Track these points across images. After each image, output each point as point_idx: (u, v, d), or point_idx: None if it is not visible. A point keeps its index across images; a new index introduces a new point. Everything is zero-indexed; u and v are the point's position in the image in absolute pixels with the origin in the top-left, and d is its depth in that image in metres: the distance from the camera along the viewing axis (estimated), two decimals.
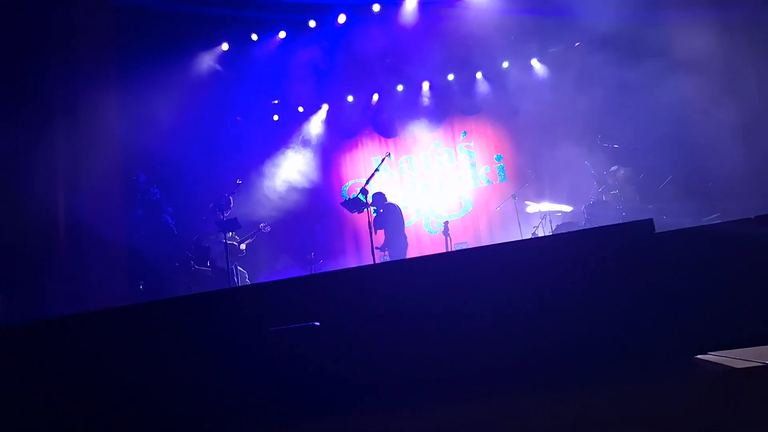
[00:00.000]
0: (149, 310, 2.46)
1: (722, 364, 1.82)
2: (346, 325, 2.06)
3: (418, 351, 2.04)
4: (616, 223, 6.62)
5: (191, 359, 2.16)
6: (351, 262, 10.02)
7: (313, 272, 8.66)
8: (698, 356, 1.95)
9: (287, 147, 10.36)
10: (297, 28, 9.32)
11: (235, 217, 7.43)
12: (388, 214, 7.70)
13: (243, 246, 7.57)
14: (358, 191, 7.38)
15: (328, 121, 10.69)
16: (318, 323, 1.96)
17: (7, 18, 5.99)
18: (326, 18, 9.19)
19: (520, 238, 7.75)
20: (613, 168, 7.60)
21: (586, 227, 6.99)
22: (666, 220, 7.31)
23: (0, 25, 5.93)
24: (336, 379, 2.05)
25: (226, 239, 7.00)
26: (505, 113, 10.04)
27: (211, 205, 7.34)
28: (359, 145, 10.81)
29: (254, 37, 9.35)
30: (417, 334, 2.04)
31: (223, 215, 7.19)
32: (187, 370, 2.16)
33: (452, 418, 1.72)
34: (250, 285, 6.77)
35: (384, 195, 7.85)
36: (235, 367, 2.14)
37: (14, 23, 6.01)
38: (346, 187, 10.69)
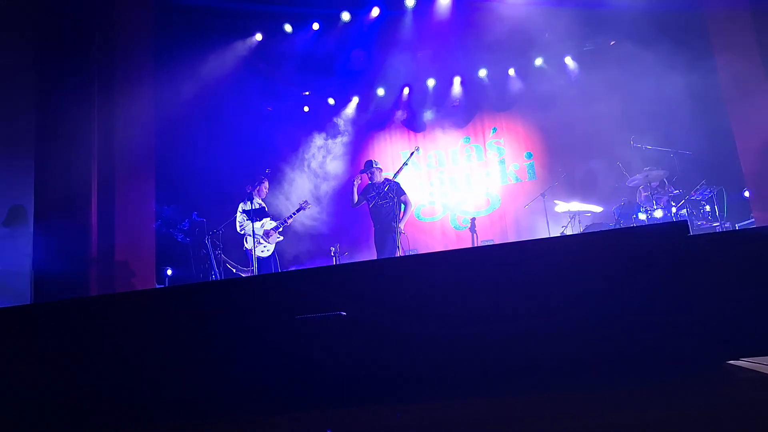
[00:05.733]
0: (174, 295, 2.49)
1: (755, 371, 1.78)
2: (367, 316, 2.07)
3: (440, 345, 2.04)
4: (648, 224, 6.51)
5: (215, 345, 2.20)
6: (375, 255, 10.02)
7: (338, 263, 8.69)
8: (730, 362, 1.91)
9: (316, 139, 10.42)
10: (330, 21, 9.35)
11: (263, 207, 7.51)
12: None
13: (280, 229, 7.62)
14: None
15: (358, 113, 10.72)
16: (344, 313, 1.98)
17: (57, 7, 6.21)
18: (360, 11, 9.20)
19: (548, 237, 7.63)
20: (646, 169, 7.45)
21: (616, 228, 6.87)
22: (700, 225, 7.15)
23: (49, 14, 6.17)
24: (357, 369, 2.06)
25: (254, 227, 7.09)
26: (537, 110, 9.92)
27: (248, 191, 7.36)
28: (388, 139, 10.81)
29: (288, 28, 9.40)
30: (439, 329, 2.04)
31: (251, 205, 7.27)
32: (212, 356, 2.20)
33: (484, 413, 1.72)
34: (279, 273, 6.85)
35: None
36: (257, 353, 2.16)
37: (63, 11, 6.22)
38: None
